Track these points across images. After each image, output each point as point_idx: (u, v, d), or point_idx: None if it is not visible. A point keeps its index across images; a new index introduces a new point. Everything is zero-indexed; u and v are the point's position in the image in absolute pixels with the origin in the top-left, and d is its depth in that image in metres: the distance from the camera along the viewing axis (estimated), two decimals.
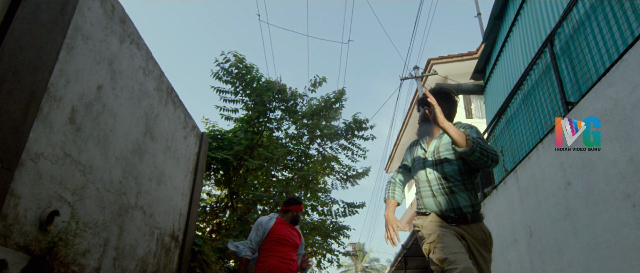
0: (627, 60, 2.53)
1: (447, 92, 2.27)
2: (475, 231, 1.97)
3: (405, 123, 13.85)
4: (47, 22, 2.17)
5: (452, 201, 2.00)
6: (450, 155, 2.05)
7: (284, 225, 3.28)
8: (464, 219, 1.98)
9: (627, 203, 2.50)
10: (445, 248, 1.83)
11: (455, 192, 2.01)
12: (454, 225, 1.97)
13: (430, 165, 2.11)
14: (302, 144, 7.62)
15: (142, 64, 3.34)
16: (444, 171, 2.05)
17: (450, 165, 2.05)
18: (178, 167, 4.08)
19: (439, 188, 2.04)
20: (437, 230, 1.95)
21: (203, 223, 7.06)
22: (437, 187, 2.05)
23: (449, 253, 1.80)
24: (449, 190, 2.02)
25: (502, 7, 5.94)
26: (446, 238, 1.88)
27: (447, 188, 2.02)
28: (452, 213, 1.99)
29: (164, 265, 3.72)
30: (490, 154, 1.92)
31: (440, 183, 2.04)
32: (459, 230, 1.96)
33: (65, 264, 2.30)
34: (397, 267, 12.55)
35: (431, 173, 2.09)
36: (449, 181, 2.02)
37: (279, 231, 3.20)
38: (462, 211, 1.98)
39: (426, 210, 2.08)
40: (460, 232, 1.96)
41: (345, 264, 28.69)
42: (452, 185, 2.02)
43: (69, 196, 2.38)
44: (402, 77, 9.43)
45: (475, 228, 1.98)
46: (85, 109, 2.56)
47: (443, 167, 2.06)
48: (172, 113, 3.96)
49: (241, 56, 6.89)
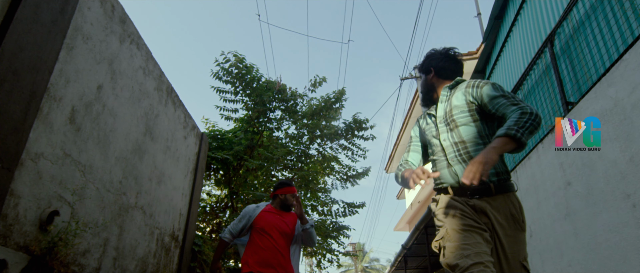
0: (627, 60, 2.53)
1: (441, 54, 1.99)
2: (501, 205, 1.64)
3: (405, 123, 13.85)
4: (47, 22, 2.17)
5: None
6: (466, 117, 1.76)
7: (270, 213, 3.04)
8: (486, 190, 1.65)
9: (627, 203, 2.50)
10: (456, 249, 1.53)
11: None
12: (475, 198, 1.66)
13: (444, 131, 1.80)
14: (302, 144, 7.62)
15: (142, 64, 3.34)
16: (460, 135, 1.75)
17: (468, 128, 1.75)
18: (178, 167, 4.08)
19: (456, 156, 1.73)
20: (448, 220, 1.65)
21: (203, 223, 7.06)
22: (453, 155, 1.74)
23: (460, 257, 1.48)
24: (467, 156, 1.70)
25: (502, 7, 5.94)
26: (459, 233, 1.57)
27: (465, 154, 1.71)
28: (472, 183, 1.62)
29: (164, 265, 3.72)
30: (534, 121, 1.57)
31: (456, 149, 1.74)
32: (480, 204, 1.64)
33: (65, 264, 2.30)
34: (397, 267, 12.55)
35: (446, 139, 1.79)
36: (467, 146, 1.71)
37: (264, 220, 2.97)
38: (483, 180, 1.59)
39: (442, 184, 1.78)
40: (481, 206, 1.63)
41: (345, 264, 28.70)
42: (471, 149, 1.70)
43: (69, 196, 2.38)
44: (402, 77, 9.43)
45: (501, 200, 1.64)
46: (85, 109, 2.56)
47: (459, 131, 1.76)
48: (172, 113, 3.96)
49: (241, 56, 6.89)
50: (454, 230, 1.59)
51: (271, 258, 2.83)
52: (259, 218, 2.98)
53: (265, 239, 2.88)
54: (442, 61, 1.94)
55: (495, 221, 1.63)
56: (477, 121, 1.75)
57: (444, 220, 1.67)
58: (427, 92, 2.00)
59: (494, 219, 1.63)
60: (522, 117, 1.57)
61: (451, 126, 1.79)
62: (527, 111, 1.59)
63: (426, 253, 9.37)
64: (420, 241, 9.42)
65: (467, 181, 1.48)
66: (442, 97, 1.90)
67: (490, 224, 1.62)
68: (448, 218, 1.66)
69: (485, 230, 1.59)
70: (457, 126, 1.77)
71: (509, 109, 1.64)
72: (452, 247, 1.56)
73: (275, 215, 3.03)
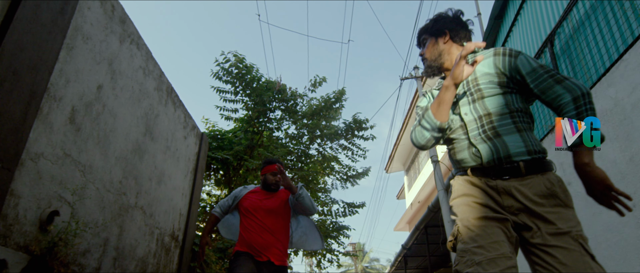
0: (627, 60, 2.53)
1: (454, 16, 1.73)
2: (534, 184, 1.37)
3: (405, 123, 13.84)
4: (47, 22, 2.17)
5: (497, 148, 1.43)
6: (495, 87, 1.51)
7: (256, 193, 3.01)
8: (514, 170, 1.39)
9: (627, 203, 2.49)
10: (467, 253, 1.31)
11: (502, 135, 1.44)
12: (501, 180, 1.41)
13: (466, 103, 1.55)
14: (302, 144, 7.62)
15: (142, 64, 3.34)
16: (486, 107, 1.49)
17: (496, 99, 1.49)
18: (178, 167, 4.08)
19: (479, 133, 1.48)
20: (461, 210, 1.44)
21: (203, 223, 7.06)
22: (476, 132, 1.49)
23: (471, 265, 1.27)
24: (493, 132, 1.45)
25: (502, 7, 5.94)
26: (471, 229, 1.36)
27: (490, 130, 1.46)
28: (497, 163, 1.42)
29: (164, 265, 3.72)
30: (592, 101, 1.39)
31: (479, 124, 1.49)
32: (505, 185, 1.39)
33: (65, 264, 2.30)
34: (397, 267, 12.54)
35: (468, 113, 1.53)
36: (493, 121, 1.47)
37: (249, 200, 2.95)
38: (512, 160, 1.40)
39: (464, 164, 1.53)
40: (505, 186, 1.39)
41: (345, 264, 28.70)
42: (498, 125, 1.45)
43: (69, 196, 2.39)
44: (402, 77, 9.43)
45: (534, 180, 1.37)
46: (85, 109, 2.56)
47: (484, 103, 1.50)
48: (172, 113, 3.97)
49: (241, 56, 6.90)
50: (466, 227, 1.38)
51: (258, 238, 2.77)
52: (244, 199, 2.97)
53: (251, 220, 2.85)
54: (456, 24, 1.70)
55: (525, 199, 1.35)
56: (507, 94, 1.50)
57: (457, 210, 1.46)
58: (435, 59, 1.72)
59: (523, 198, 1.35)
60: (579, 107, 1.37)
61: (476, 96, 1.53)
62: (578, 93, 1.38)
63: (426, 253, 9.36)
64: (420, 241, 9.42)
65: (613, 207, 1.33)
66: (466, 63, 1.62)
67: (517, 206, 1.36)
68: (461, 209, 1.45)
69: (507, 219, 1.35)
70: (483, 97, 1.51)
71: (555, 88, 1.41)
72: (462, 249, 1.34)
73: (260, 195, 2.99)
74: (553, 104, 1.43)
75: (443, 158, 9.46)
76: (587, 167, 1.32)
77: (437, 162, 7.41)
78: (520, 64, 1.49)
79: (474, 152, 1.49)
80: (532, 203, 1.34)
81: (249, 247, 2.77)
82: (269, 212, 2.88)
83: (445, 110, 1.53)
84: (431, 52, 1.72)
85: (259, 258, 2.74)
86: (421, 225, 8.40)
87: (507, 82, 1.51)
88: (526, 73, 1.47)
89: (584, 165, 1.33)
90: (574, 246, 1.27)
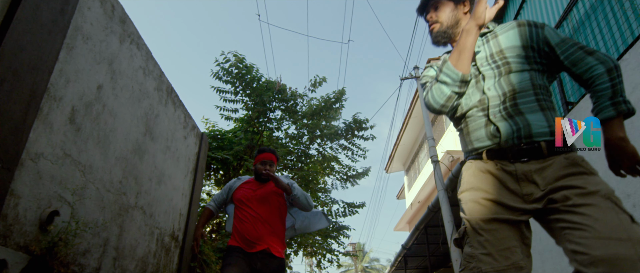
0: (627, 60, 2.53)
1: None
2: (555, 164, 1.26)
3: (405, 123, 13.84)
4: (47, 22, 2.17)
5: (518, 126, 1.30)
6: (522, 61, 1.39)
7: (249, 183, 2.93)
8: (534, 151, 1.28)
9: (627, 203, 2.50)
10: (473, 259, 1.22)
11: (525, 113, 1.32)
12: (520, 162, 1.29)
13: (491, 77, 1.41)
14: (302, 144, 7.62)
15: (142, 64, 3.34)
16: (511, 83, 1.37)
17: (522, 75, 1.37)
18: (178, 167, 4.08)
19: (500, 109, 1.35)
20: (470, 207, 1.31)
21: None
22: (497, 109, 1.35)
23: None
24: (514, 110, 1.33)
25: (502, 7, 5.94)
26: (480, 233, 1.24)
27: (512, 107, 1.33)
28: (517, 143, 1.30)
29: (164, 265, 3.72)
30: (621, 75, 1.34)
31: (502, 101, 1.36)
32: (526, 169, 1.27)
33: (65, 264, 2.30)
34: (397, 267, 12.55)
35: (492, 88, 1.39)
36: (517, 99, 1.34)
37: (242, 191, 2.87)
38: (533, 139, 1.28)
39: (476, 148, 1.40)
40: (525, 171, 1.27)
41: (345, 264, 28.71)
42: (521, 102, 1.34)
43: (69, 196, 2.39)
44: (402, 77, 9.43)
45: (555, 161, 1.26)
46: (85, 109, 2.56)
47: (510, 79, 1.38)
48: (172, 113, 3.97)
49: (241, 56, 6.90)
50: (475, 230, 1.26)
51: (252, 229, 2.67)
52: (237, 190, 2.90)
53: (244, 210, 2.77)
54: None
55: (546, 183, 1.24)
56: (533, 70, 1.39)
57: (466, 207, 1.33)
58: (451, 25, 1.57)
59: (545, 182, 1.24)
60: (614, 79, 1.29)
61: (502, 70, 1.40)
62: (611, 65, 1.30)
63: (426, 253, 9.37)
64: (420, 241, 9.42)
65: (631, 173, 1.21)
66: (489, 33, 1.51)
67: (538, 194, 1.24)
68: (469, 206, 1.32)
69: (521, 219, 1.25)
70: (510, 72, 1.39)
71: (586, 60, 1.32)
72: (469, 254, 1.24)
73: (253, 185, 2.91)
74: (584, 76, 1.33)
75: (443, 158, 9.46)
76: (623, 141, 1.24)
77: (437, 162, 7.41)
78: (548, 34, 1.39)
79: (492, 131, 1.35)
80: (555, 181, 1.23)
81: (242, 239, 2.67)
82: (262, 202, 2.78)
83: (467, 59, 1.39)
84: (448, 17, 1.56)
85: (252, 249, 2.63)
86: (421, 225, 8.40)
87: (533, 56, 1.40)
88: (555, 44, 1.37)
89: (620, 140, 1.25)
90: (606, 203, 1.15)
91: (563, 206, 1.17)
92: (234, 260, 2.58)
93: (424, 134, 12.72)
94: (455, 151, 9.54)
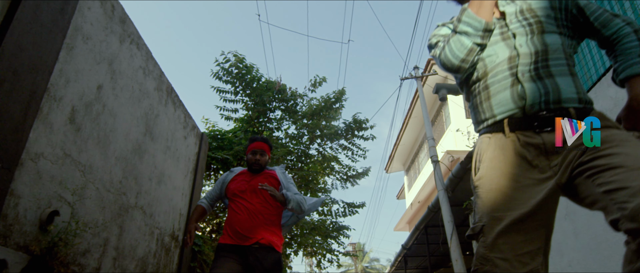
0: None
1: None
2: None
3: (405, 123, 13.84)
4: (47, 22, 2.17)
5: (547, 89, 1.20)
6: (552, 23, 1.30)
7: (243, 175, 2.78)
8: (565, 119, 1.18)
9: None
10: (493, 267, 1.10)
11: (555, 75, 1.22)
12: (546, 131, 1.18)
13: (523, 34, 1.30)
14: (302, 144, 7.62)
15: (142, 64, 3.34)
16: (544, 42, 1.26)
17: (553, 36, 1.28)
18: (178, 167, 4.08)
19: (530, 68, 1.24)
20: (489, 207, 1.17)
21: (203, 223, 7.06)
22: (528, 67, 1.24)
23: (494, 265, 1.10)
24: (545, 71, 1.23)
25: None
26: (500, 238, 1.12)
27: (543, 68, 1.23)
28: (544, 108, 1.19)
29: (164, 265, 3.72)
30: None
31: (534, 60, 1.25)
32: (549, 140, 1.17)
33: (65, 264, 2.30)
34: (397, 267, 12.55)
35: (523, 45, 1.28)
36: (549, 60, 1.25)
37: (236, 182, 2.71)
38: (563, 105, 1.18)
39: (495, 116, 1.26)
40: (549, 142, 1.17)
41: (345, 264, 28.71)
42: (553, 63, 1.24)
43: (69, 196, 2.39)
44: (402, 77, 9.43)
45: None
46: (85, 109, 2.56)
47: (543, 38, 1.27)
48: (172, 113, 3.97)
49: (241, 56, 6.90)
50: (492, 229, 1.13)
51: (245, 221, 2.52)
52: (230, 183, 2.75)
53: (238, 203, 2.61)
54: None
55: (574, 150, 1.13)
56: (562, 34, 1.31)
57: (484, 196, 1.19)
58: None
59: (573, 154, 1.13)
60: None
61: (534, 28, 1.30)
62: (637, 27, 1.26)
63: (426, 253, 9.37)
64: (420, 241, 9.42)
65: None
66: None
67: (567, 161, 1.14)
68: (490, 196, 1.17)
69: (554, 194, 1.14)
70: (542, 32, 1.29)
71: (615, 21, 1.27)
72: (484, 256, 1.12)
73: (246, 176, 2.75)
74: (612, 37, 1.28)
75: (443, 158, 9.46)
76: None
77: (437, 162, 7.41)
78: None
79: (519, 91, 1.22)
80: (583, 144, 1.13)
81: (234, 233, 2.51)
82: (256, 193, 2.63)
83: (489, 6, 1.29)
84: None
85: (246, 242, 2.47)
86: (421, 225, 8.41)
87: (561, 18, 1.33)
88: (584, 5, 1.31)
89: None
90: (635, 140, 1.08)
91: (588, 158, 1.08)
92: (221, 262, 2.44)
93: (424, 134, 12.73)
94: (455, 151, 9.54)
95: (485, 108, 1.31)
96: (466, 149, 7.37)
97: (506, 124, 1.22)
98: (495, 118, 1.26)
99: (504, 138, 1.22)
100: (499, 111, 1.25)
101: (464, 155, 6.48)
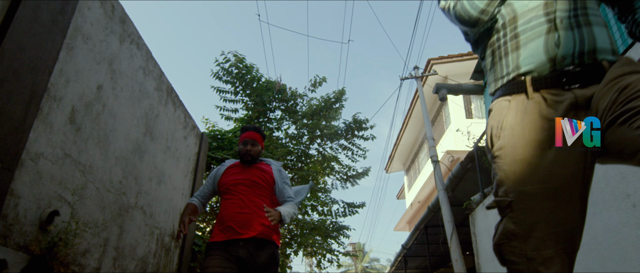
0: None
1: None
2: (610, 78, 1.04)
3: (405, 123, 13.85)
4: (47, 22, 2.17)
5: (583, 38, 1.09)
6: None
7: (235, 167, 2.62)
8: (597, 73, 1.06)
9: (627, 203, 2.50)
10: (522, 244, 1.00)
11: (593, 24, 1.11)
12: (575, 87, 1.06)
13: None
14: (302, 144, 7.62)
15: (142, 64, 3.35)
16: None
17: None
18: (178, 167, 4.08)
19: (571, 16, 1.11)
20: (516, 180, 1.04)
21: (203, 223, 7.07)
22: (567, 14, 1.11)
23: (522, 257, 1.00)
24: (585, 18, 1.11)
25: None
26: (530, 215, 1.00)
27: (583, 17, 1.11)
28: (577, 61, 1.08)
29: (164, 265, 3.72)
30: None
31: (573, 7, 1.12)
32: (583, 94, 1.06)
33: (65, 264, 2.30)
34: (397, 267, 12.55)
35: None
36: (588, 10, 1.13)
37: (228, 175, 2.58)
38: (597, 58, 1.08)
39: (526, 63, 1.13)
40: (584, 97, 1.06)
41: (345, 264, 28.71)
42: (591, 11, 1.13)
43: (69, 196, 2.39)
44: (402, 77, 9.43)
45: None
46: (85, 109, 2.56)
47: None
48: (172, 113, 3.97)
49: (241, 56, 6.90)
50: (522, 205, 1.01)
51: (237, 213, 2.39)
52: (222, 176, 2.61)
53: (232, 195, 2.48)
54: None
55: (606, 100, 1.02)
56: None
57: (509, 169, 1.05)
58: None
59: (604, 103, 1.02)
60: None
61: None
62: None
63: (426, 253, 9.37)
64: (420, 241, 9.42)
65: None
66: None
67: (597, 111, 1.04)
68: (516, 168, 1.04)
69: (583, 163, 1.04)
70: None
71: None
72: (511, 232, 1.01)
73: (239, 168, 2.62)
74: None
75: (443, 158, 9.46)
76: None
77: (437, 162, 7.41)
78: None
79: (555, 40, 1.09)
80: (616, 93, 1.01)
81: (226, 228, 2.37)
82: (249, 185, 2.51)
83: None
84: None
85: (238, 237, 2.33)
86: (421, 225, 8.41)
87: None
88: None
89: None
90: None
91: (622, 99, 0.97)
92: (212, 261, 2.30)
93: (424, 134, 12.73)
94: (455, 151, 9.54)
95: (511, 60, 1.15)
96: (466, 149, 7.38)
97: (529, 84, 1.09)
98: (518, 70, 1.13)
99: (526, 100, 1.10)
100: (526, 62, 1.12)
101: (464, 155, 6.48)
